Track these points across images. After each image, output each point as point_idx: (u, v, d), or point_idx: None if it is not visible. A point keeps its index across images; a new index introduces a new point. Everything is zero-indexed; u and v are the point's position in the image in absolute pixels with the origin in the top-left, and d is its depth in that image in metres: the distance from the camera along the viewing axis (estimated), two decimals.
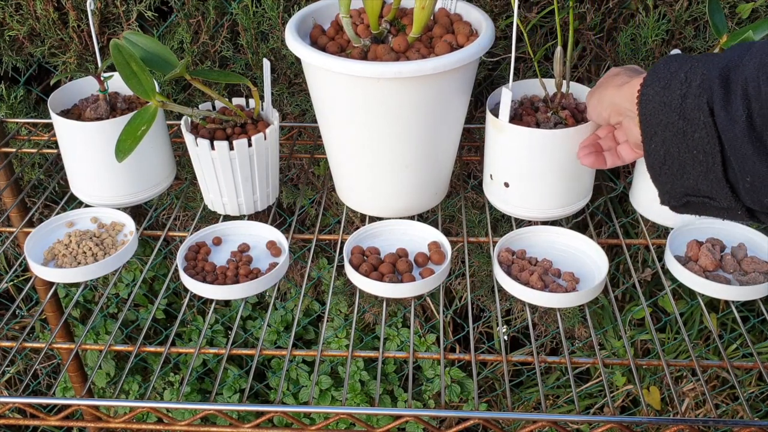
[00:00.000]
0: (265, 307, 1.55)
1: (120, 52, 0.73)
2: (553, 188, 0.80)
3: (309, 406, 0.66)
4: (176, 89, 1.12)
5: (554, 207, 0.82)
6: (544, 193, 0.81)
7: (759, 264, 0.76)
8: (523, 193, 0.81)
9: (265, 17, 1.03)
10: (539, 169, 0.79)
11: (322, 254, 1.45)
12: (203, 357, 1.55)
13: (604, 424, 0.64)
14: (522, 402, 1.56)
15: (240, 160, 0.81)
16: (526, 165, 0.79)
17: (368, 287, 0.74)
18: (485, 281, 1.36)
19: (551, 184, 0.80)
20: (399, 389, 1.55)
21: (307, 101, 1.11)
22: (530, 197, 0.81)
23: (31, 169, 1.21)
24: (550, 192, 0.81)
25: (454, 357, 0.74)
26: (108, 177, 0.85)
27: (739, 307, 1.33)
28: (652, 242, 0.84)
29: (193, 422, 0.66)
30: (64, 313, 1.06)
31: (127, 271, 1.48)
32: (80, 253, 0.80)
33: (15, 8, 1.04)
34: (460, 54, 0.73)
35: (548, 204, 0.82)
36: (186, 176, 1.07)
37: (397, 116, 0.75)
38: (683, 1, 0.98)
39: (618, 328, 1.44)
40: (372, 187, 0.84)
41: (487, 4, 0.98)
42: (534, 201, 0.82)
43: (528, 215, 0.83)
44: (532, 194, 0.81)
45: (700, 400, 1.47)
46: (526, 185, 0.81)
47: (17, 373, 1.57)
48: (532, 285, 0.73)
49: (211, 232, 0.83)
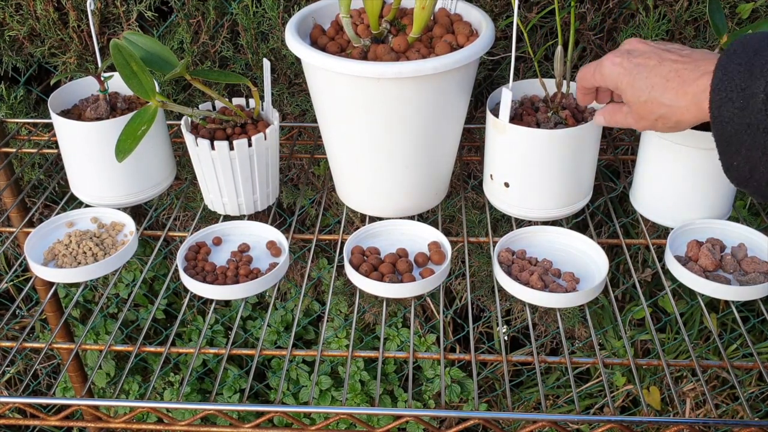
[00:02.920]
0: (265, 307, 1.55)
1: (120, 52, 0.73)
2: (553, 188, 0.80)
3: (309, 406, 0.66)
4: (176, 89, 1.12)
5: (554, 207, 0.82)
6: (544, 193, 0.81)
7: (759, 264, 0.76)
8: (523, 193, 0.81)
9: (265, 17, 1.03)
10: (539, 169, 0.79)
11: (322, 254, 1.45)
12: (203, 357, 1.55)
13: (604, 424, 0.64)
14: (522, 402, 1.56)
15: (240, 160, 0.81)
16: (526, 165, 0.79)
17: (368, 287, 0.74)
18: (485, 281, 1.36)
19: (551, 184, 0.80)
20: (399, 389, 1.55)
21: (307, 101, 1.11)
22: (530, 197, 0.81)
23: (31, 169, 1.21)
24: (550, 192, 0.81)
25: (454, 357, 0.74)
26: (108, 177, 0.85)
27: (739, 307, 1.33)
28: (652, 242, 0.84)
29: (193, 422, 0.66)
30: (64, 313, 1.06)
31: (127, 271, 1.48)
32: (80, 253, 0.80)
33: (15, 8, 1.04)
34: (460, 54, 0.73)
35: (548, 204, 0.82)
36: (186, 176, 1.07)
37: (397, 116, 0.75)
38: (683, 1, 0.98)
39: (618, 328, 1.44)
40: (372, 187, 0.84)
41: (487, 4, 0.98)
42: (534, 201, 0.82)
43: (528, 215, 0.83)
44: (532, 194, 0.81)
45: (700, 400, 1.47)
46: (526, 185, 0.81)
47: (17, 373, 1.57)
48: (532, 285, 0.73)
49: (211, 232, 0.83)
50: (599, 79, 0.67)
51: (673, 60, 0.60)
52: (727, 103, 0.51)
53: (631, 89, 0.64)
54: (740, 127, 0.51)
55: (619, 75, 0.64)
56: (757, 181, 0.53)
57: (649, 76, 0.61)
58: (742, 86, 0.50)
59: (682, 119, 0.60)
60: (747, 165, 0.52)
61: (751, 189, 0.55)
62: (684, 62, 0.59)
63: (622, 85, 0.65)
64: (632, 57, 0.64)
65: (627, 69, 0.64)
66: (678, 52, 0.61)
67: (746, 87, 0.50)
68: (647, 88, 0.61)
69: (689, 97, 0.57)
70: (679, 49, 0.62)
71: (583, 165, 0.80)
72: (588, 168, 0.82)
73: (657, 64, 0.61)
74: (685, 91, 0.58)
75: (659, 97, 0.60)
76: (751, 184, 0.54)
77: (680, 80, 0.58)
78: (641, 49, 0.64)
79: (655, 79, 0.61)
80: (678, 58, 0.60)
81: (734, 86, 0.51)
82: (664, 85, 0.60)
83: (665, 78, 0.60)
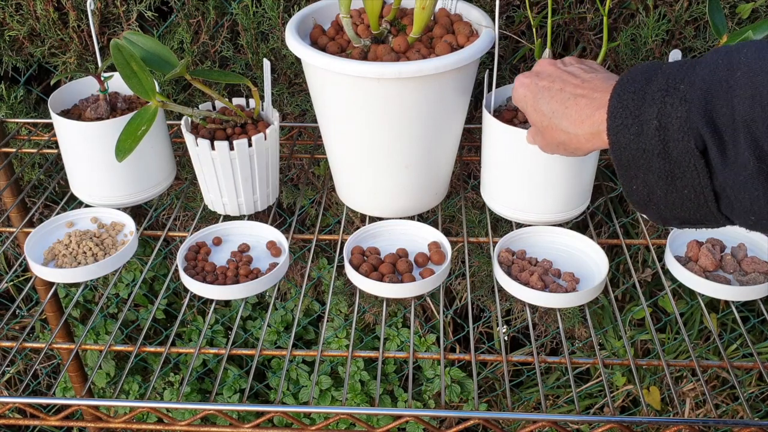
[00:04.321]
0: (265, 307, 1.55)
1: (120, 52, 0.73)
2: (555, 192, 0.80)
3: (309, 406, 0.66)
4: (176, 89, 1.12)
5: (553, 212, 0.82)
6: (546, 197, 0.80)
7: (759, 264, 0.76)
8: (524, 196, 0.81)
9: (265, 17, 1.03)
10: (536, 172, 0.78)
11: (322, 254, 1.45)
12: (203, 357, 1.55)
13: (604, 424, 0.64)
14: (522, 402, 1.56)
15: (240, 160, 0.81)
16: (526, 169, 0.79)
17: (368, 287, 0.74)
18: (485, 281, 1.36)
19: (549, 188, 0.80)
20: (399, 389, 1.55)
21: (307, 101, 1.11)
22: (529, 201, 0.81)
23: (31, 169, 1.21)
24: (553, 196, 0.80)
25: (454, 357, 0.74)
26: (108, 177, 0.85)
27: (739, 307, 1.33)
28: (652, 242, 0.84)
29: (193, 422, 0.66)
30: (64, 313, 1.06)
31: (127, 271, 1.48)
32: (80, 253, 0.80)
33: (15, 8, 1.04)
34: (461, 54, 0.73)
35: (550, 208, 0.81)
36: (186, 176, 1.07)
37: (398, 116, 0.75)
38: (683, 1, 0.98)
39: (618, 328, 1.44)
40: (372, 187, 0.84)
41: (487, 4, 0.98)
42: (534, 205, 0.81)
43: (527, 219, 0.83)
44: (529, 197, 0.81)
45: (700, 400, 1.47)
46: (527, 188, 0.81)
47: (17, 373, 1.57)
48: (532, 285, 0.73)
49: (211, 232, 0.83)
50: (513, 99, 0.68)
51: (574, 85, 0.60)
52: (624, 129, 0.52)
53: (534, 113, 0.64)
54: (636, 153, 0.51)
55: (525, 97, 0.65)
56: (656, 204, 0.53)
57: (550, 102, 0.61)
58: (636, 113, 0.51)
59: (579, 146, 0.60)
60: (645, 189, 0.53)
61: (651, 212, 0.55)
62: (584, 88, 0.59)
63: (527, 108, 0.65)
64: (539, 79, 0.64)
65: (532, 92, 0.64)
66: (581, 76, 0.61)
67: (640, 114, 0.50)
68: (549, 113, 0.62)
69: (585, 126, 0.58)
70: (584, 71, 0.62)
71: (585, 169, 0.80)
72: (588, 173, 0.82)
73: (559, 89, 0.61)
74: (582, 120, 0.58)
75: (558, 123, 0.61)
76: (651, 207, 0.54)
77: (578, 108, 0.58)
78: (548, 71, 0.64)
79: (555, 105, 0.61)
80: (579, 83, 0.60)
81: (629, 113, 0.51)
82: (563, 112, 0.60)
83: (564, 105, 0.60)
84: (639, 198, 0.54)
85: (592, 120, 0.57)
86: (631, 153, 0.52)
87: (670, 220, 0.54)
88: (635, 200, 0.55)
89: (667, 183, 0.51)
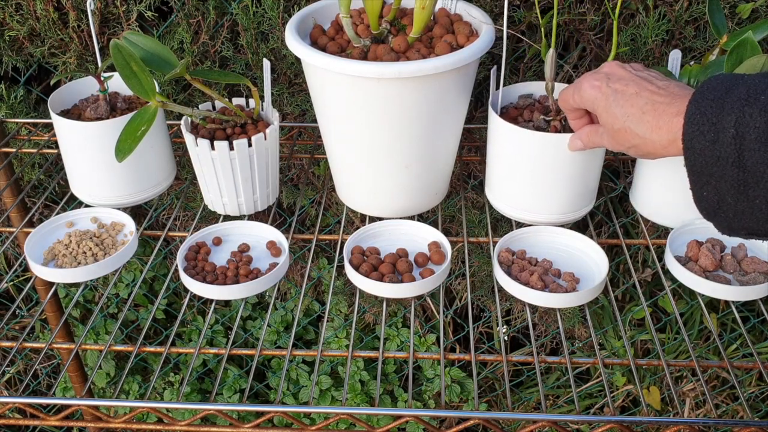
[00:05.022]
0: (265, 307, 1.55)
1: (120, 52, 0.73)
2: (556, 193, 0.80)
3: (309, 406, 0.66)
4: (176, 89, 1.12)
5: (558, 213, 0.81)
6: (552, 198, 0.80)
7: (759, 264, 0.76)
8: (526, 197, 0.81)
9: (265, 17, 1.03)
10: (542, 173, 0.78)
11: (322, 254, 1.45)
12: (203, 357, 1.55)
13: (604, 424, 0.64)
14: (522, 402, 1.56)
15: (240, 160, 0.81)
16: (529, 169, 0.79)
17: (368, 287, 0.74)
18: (485, 281, 1.36)
19: (554, 189, 0.80)
20: (399, 389, 1.55)
21: (307, 101, 1.11)
22: (535, 201, 0.81)
23: (31, 169, 1.21)
24: (559, 197, 0.80)
25: (454, 357, 0.74)
26: (108, 177, 0.85)
27: (739, 307, 1.33)
28: (652, 242, 0.84)
29: (193, 422, 0.66)
30: (64, 313, 1.06)
31: (127, 271, 1.48)
32: (80, 253, 0.80)
33: (15, 8, 1.04)
34: (461, 54, 0.73)
35: (555, 209, 0.81)
36: (186, 176, 1.07)
37: (398, 116, 0.75)
38: (683, 1, 0.98)
39: (618, 328, 1.44)
40: (372, 187, 0.84)
41: (487, 4, 0.98)
42: (539, 205, 0.81)
43: (531, 219, 0.83)
44: (532, 198, 0.81)
45: (700, 400, 1.47)
46: (529, 189, 0.81)
47: (17, 373, 1.57)
48: (532, 285, 0.73)
49: (211, 232, 0.83)
50: (578, 100, 0.68)
51: (651, 91, 0.60)
52: (699, 136, 0.52)
53: (606, 114, 0.64)
54: (710, 160, 0.52)
55: (597, 98, 0.65)
56: (725, 212, 0.54)
57: (625, 105, 0.62)
58: (713, 120, 0.51)
59: (654, 152, 0.60)
60: (716, 196, 0.54)
61: (719, 221, 0.56)
62: (661, 95, 0.59)
63: (598, 109, 0.65)
64: (611, 81, 0.64)
65: (605, 93, 0.64)
66: (656, 83, 0.61)
67: (717, 122, 0.51)
68: (622, 117, 0.62)
69: (663, 133, 0.58)
70: (656, 78, 0.62)
71: (590, 171, 0.80)
72: (593, 174, 0.81)
73: (635, 93, 0.61)
74: (659, 126, 0.58)
75: (633, 128, 0.61)
76: (719, 215, 0.55)
77: (656, 114, 0.59)
78: (620, 75, 0.64)
79: (631, 109, 0.61)
80: (655, 90, 0.60)
81: (706, 120, 0.52)
82: (639, 117, 0.60)
83: (641, 110, 0.60)
84: (708, 205, 0.55)
85: (669, 126, 0.57)
86: (705, 160, 0.52)
87: (737, 230, 0.55)
88: (704, 207, 0.56)
89: (738, 192, 0.51)
